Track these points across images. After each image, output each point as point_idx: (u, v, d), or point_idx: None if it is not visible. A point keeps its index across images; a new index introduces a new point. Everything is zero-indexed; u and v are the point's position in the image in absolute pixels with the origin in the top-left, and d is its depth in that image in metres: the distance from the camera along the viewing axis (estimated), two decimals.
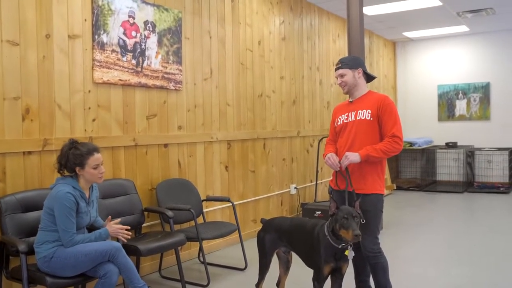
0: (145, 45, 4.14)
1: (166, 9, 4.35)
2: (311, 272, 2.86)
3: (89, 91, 3.70)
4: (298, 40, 6.47)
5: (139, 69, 4.08)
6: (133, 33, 4.03)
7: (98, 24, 3.73)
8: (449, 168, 9.19)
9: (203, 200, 4.57)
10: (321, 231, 2.81)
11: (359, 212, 2.73)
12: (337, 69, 3.22)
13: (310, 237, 2.87)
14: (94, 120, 3.74)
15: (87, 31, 3.67)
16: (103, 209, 3.50)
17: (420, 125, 9.78)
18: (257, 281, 3.22)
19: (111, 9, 3.83)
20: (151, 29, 4.19)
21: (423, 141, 9.20)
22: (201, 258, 4.31)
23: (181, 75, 4.50)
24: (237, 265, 4.35)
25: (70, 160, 2.91)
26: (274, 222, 3.19)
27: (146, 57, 4.15)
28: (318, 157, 6.65)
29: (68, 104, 3.55)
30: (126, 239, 3.09)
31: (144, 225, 3.99)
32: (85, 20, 3.66)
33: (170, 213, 3.79)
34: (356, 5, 5.16)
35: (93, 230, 3.03)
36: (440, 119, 9.63)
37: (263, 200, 5.71)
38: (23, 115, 3.26)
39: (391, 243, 5.06)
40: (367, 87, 3.26)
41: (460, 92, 9.40)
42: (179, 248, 3.81)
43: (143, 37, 4.12)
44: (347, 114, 3.20)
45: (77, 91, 3.61)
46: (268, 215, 5.54)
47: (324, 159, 3.19)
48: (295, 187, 6.32)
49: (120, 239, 3.08)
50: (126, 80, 3.96)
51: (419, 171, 9.38)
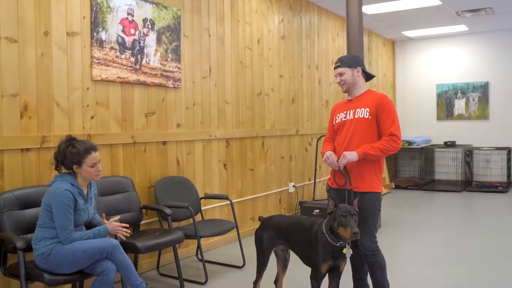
0: (143, 43, 4.13)
1: (165, 7, 4.35)
2: (309, 270, 2.86)
3: (87, 88, 3.69)
4: (297, 39, 6.46)
5: (137, 66, 4.08)
6: (132, 31, 4.03)
7: (96, 22, 3.73)
8: (447, 167, 9.21)
9: (201, 198, 4.58)
10: (319, 229, 2.81)
11: (357, 210, 2.73)
12: (336, 67, 3.22)
13: (308, 235, 2.87)
14: (92, 117, 3.74)
15: (86, 28, 3.67)
16: (101, 206, 3.49)
17: (419, 124, 9.79)
18: (255, 278, 3.23)
19: (109, 7, 3.83)
20: (150, 26, 4.19)
21: (421, 140, 9.21)
22: (199, 256, 4.32)
23: (179, 73, 4.50)
24: (235, 263, 4.35)
25: (68, 158, 2.91)
26: (272, 220, 3.19)
27: (145, 55, 4.15)
28: (316, 155, 6.65)
29: (66, 101, 3.54)
30: (125, 236, 3.08)
31: (142, 222, 3.99)
32: (84, 17, 3.66)
33: (168, 210, 3.79)
34: (355, 3, 5.16)
35: (91, 227, 3.03)
36: (439, 118, 9.64)
37: (261, 198, 5.71)
38: (21, 112, 3.25)
39: (390, 242, 5.07)
40: (366, 85, 3.26)
41: (459, 91, 9.41)
42: (177, 245, 3.81)
43: (142, 34, 4.12)
44: (345, 112, 3.20)
45: (75, 88, 3.61)
46: (267, 213, 5.55)
47: (323, 157, 3.19)
48: (293, 185, 6.32)
49: (119, 237, 3.08)
50: (124, 78, 3.96)
51: (417, 170, 9.39)
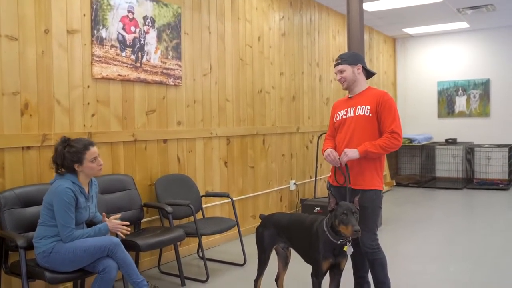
0: (144, 41, 4.13)
1: (166, 5, 4.34)
2: (309, 268, 2.86)
3: (88, 86, 3.69)
4: (297, 36, 6.45)
5: (138, 64, 4.07)
6: (132, 28, 4.02)
7: (97, 19, 3.72)
8: (448, 165, 9.20)
9: (202, 196, 4.58)
10: (320, 227, 2.81)
11: (358, 208, 2.73)
12: (336, 65, 3.21)
13: (309, 233, 2.87)
14: (93, 115, 3.73)
15: (86, 26, 3.67)
16: (102, 204, 3.50)
17: (420, 121, 9.78)
18: (256, 276, 3.23)
19: (110, 4, 3.82)
20: (150, 24, 4.18)
21: (422, 137, 9.20)
22: (200, 254, 4.32)
23: (180, 70, 4.50)
24: (236, 261, 4.35)
25: (67, 159, 2.90)
26: (273, 218, 3.19)
27: (145, 53, 4.14)
28: (317, 153, 6.65)
29: (67, 100, 3.54)
30: (125, 234, 3.09)
31: (143, 220, 3.99)
32: (84, 15, 3.65)
33: (169, 208, 3.79)
34: (356, 1, 5.15)
35: (92, 225, 3.03)
36: (440, 115, 9.63)
37: (262, 196, 5.71)
38: (22, 110, 3.25)
39: (390, 239, 5.07)
40: (366, 83, 3.25)
41: (460, 88, 9.39)
42: (178, 243, 3.81)
43: (142, 32, 4.11)
44: (346, 109, 3.20)
45: (76, 86, 3.61)
46: (267, 211, 5.55)
47: (324, 155, 3.19)
48: (294, 183, 6.32)
49: (119, 235, 3.08)
50: (125, 76, 3.96)
51: (418, 167, 9.37)
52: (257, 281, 3.23)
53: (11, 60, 3.19)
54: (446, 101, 9.54)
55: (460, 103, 9.41)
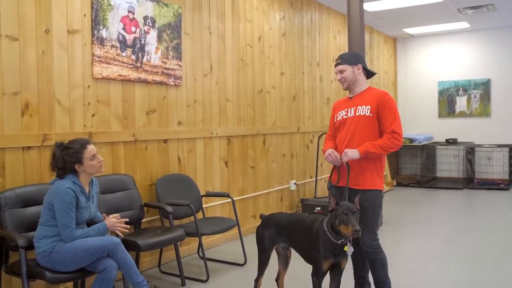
0: (144, 41, 4.13)
1: (166, 5, 4.34)
2: (310, 268, 2.86)
3: (88, 86, 3.69)
4: (298, 36, 6.45)
5: (138, 64, 4.07)
6: (133, 29, 4.02)
7: (97, 19, 3.72)
8: (449, 165, 9.19)
9: (202, 196, 4.58)
10: (320, 226, 2.81)
11: (358, 208, 2.73)
12: (336, 65, 3.21)
13: (309, 232, 2.87)
14: (93, 115, 3.74)
15: (87, 26, 3.67)
16: (102, 204, 3.50)
17: (420, 121, 9.78)
18: (256, 276, 3.23)
19: (110, 4, 3.82)
20: (150, 24, 4.18)
21: (423, 137, 9.20)
22: (201, 254, 4.32)
23: (180, 70, 4.50)
24: (236, 261, 4.35)
25: (67, 161, 2.90)
26: (273, 218, 3.19)
27: (146, 53, 4.14)
28: (318, 153, 6.65)
29: (67, 100, 3.55)
30: (125, 233, 3.08)
31: (144, 220, 3.99)
32: (84, 15, 3.65)
33: (169, 208, 3.79)
34: (356, 1, 5.15)
35: (93, 225, 3.03)
36: (441, 115, 9.62)
37: (262, 196, 5.71)
38: (22, 110, 3.26)
39: (391, 239, 5.07)
40: (367, 83, 3.25)
41: (461, 88, 9.39)
42: (178, 243, 3.82)
43: (142, 32, 4.11)
44: (346, 109, 3.20)
45: (76, 86, 3.61)
46: (268, 211, 5.55)
47: (324, 155, 3.19)
48: (294, 183, 6.32)
49: (119, 235, 3.08)
50: (125, 76, 3.96)
51: (419, 167, 9.37)
52: (257, 281, 3.23)
53: (11, 60, 3.19)
54: (447, 101, 9.54)
55: (461, 103, 9.41)
